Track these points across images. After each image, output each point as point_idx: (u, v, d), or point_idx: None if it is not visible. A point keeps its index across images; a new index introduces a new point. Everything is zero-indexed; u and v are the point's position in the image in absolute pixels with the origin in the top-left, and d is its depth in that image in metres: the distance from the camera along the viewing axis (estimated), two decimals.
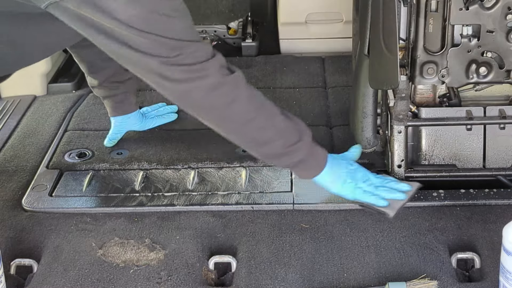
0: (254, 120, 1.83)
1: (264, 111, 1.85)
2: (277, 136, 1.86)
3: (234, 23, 3.33)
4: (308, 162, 1.92)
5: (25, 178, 2.25)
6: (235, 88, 1.79)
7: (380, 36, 2.00)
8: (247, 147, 1.92)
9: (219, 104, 1.79)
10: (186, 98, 1.79)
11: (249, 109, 1.81)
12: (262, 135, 1.85)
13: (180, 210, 2.07)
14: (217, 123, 1.85)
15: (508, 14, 1.98)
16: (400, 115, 2.12)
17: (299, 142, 1.88)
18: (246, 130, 1.84)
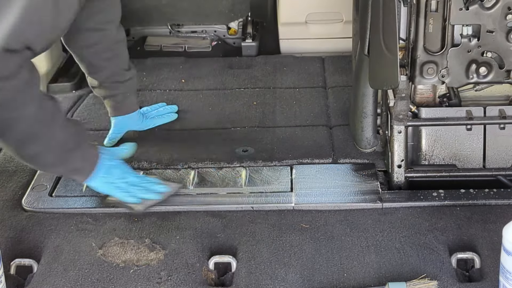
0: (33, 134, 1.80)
1: (45, 125, 1.82)
2: (54, 146, 1.86)
3: (234, 23, 3.33)
4: (82, 168, 1.95)
5: (25, 178, 2.25)
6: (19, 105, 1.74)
7: (380, 36, 2.00)
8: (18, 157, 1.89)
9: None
10: None
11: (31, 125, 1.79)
12: (36, 147, 1.83)
13: (180, 210, 2.07)
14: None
15: (508, 14, 1.98)
16: (400, 115, 2.12)
17: (76, 150, 1.90)
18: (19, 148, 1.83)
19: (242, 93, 2.78)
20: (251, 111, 2.63)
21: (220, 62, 3.08)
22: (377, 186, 2.14)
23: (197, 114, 2.40)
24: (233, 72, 2.96)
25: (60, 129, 1.87)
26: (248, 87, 2.83)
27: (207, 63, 3.04)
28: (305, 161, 2.29)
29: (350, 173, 2.21)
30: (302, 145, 2.40)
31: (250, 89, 2.82)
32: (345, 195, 2.11)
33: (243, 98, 2.73)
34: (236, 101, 2.72)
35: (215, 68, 3.00)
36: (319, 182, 2.17)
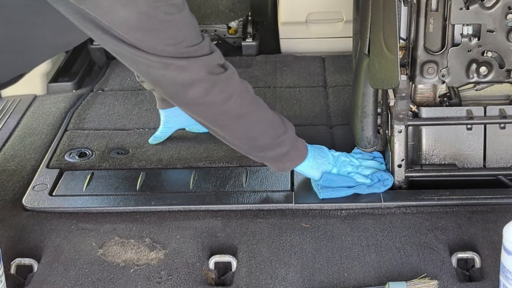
0: (246, 115, 1.88)
1: (255, 106, 1.91)
2: (267, 129, 1.93)
3: (235, 23, 3.33)
4: (292, 152, 2.00)
5: (25, 178, 2.25)
6: (228, 86, 1.83)
7: (381, 36, 2.00)
8: (238, 142, 1.96)
9: (215, 101, 1.82)
10: (183, 96, 1.81)
11: (242, 105, 1.86)
12: (253, 128, 1.91)
13: (180, 210, 2.07)
14: (211, 119, 1.88)
15: (508, 14, 1.98)
16: (401, 114, 2.12)
17: (285, 134, 1.96)
18: (239, 124, 1.90)
19: None
20: None
21: None
22: None
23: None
24: None
25: (268, 113, 1.94)
26: None
27: None
28: None
29: None
30: None
31: None
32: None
33: None
34: None
35: None
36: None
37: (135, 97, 2.76)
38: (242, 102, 1.86)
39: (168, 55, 1.72)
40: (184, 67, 1.75)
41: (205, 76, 1.78)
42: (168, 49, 1.72)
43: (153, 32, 1.69)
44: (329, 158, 2.09)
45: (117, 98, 2.76)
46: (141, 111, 2.66)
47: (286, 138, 1.97)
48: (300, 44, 3.20)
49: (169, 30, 1.70)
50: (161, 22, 1.68)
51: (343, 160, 2.11)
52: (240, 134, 1.93)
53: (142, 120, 2.59)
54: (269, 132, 1.94)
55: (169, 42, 1.71)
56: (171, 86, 1.79)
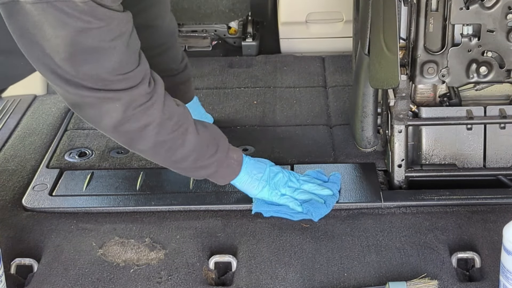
0: (165, 142, 1.82)
1: (178, 132, 1.82)
2: (189, 153, 1.87)
3: (235, 23, 3.33)
4: (222, 171, 1.95)
5: (25, 178, 2.25)
6: (147, 116, 1.75)
7: (381, 36, 2.00)
8: (161, 163, 1.93)
9: (130, 130, 1.76)
10: (98, 122, 1.77)
11: (160, 134, 1.80)
12: (173, 154, 1.86)
13: (180, 210, 2.07)
14: (128, 144, 1.83)
15: (508, 14, 1.98)
16: (401, 114, 2.12)
17: (214, 155, 1.91)
18: (158, 150, 1.84)
19: (242, 92, 2.78)
20: (251, 110, 2.63)
21: (221, 61, 3.08)
22: (378, 186, 2.14)
23: None
24: (233, 72, 2.96)
25: (191, 138, 1.86)
26: (248, 87, 2.83)
27: (207, 62, 3.04)
28: (305, 161, 2.29)
29: (351, 173, 2.21)
30: (302, 144, 2.40)
31: (250, 88, 2.82)
32: (345, 195, 2.10)
33: (243, 97, 2.73)
34: (236, 100, 2.72)
35: (215, 68, 3.00)
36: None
37: None
38: (160, 131, 1.79)
39: (88, 86, 1.65)
40: (102, 99, 1.68)
41: (122, 109, 1.71)
42: (94, 74, 1.64)
43: (81, 56, 1.61)
44: (265, 174, 2.00)
45: None
46: None
47: (214, 160, 1.90)
48: (300, 44, 3.20)
49: (98, 56, 1.63)
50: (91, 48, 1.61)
51: (279, 179, 2.00)
52: (160, 158, 1.89)
53: None
54: (192, 156, 1.87)
55: (96, 67, 1.64)
56: (87, 113, 1.75)
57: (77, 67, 1.63)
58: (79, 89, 1.66)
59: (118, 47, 1.64)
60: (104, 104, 1.70)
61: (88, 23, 1.57)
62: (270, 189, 1.99)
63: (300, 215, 1.98)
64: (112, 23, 1.62)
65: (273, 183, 2.00)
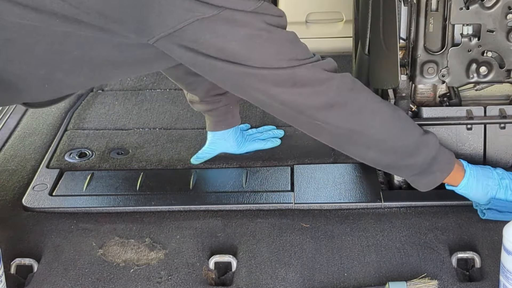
0: (380, 109, 1.80)
1: (386, 103, 1.84)
2: (404, 125, 1.84)
3: None
4: (441, 157, 1.87)
5: (25, 178, 2.25)
6: (353, 81, 1.80)
7: (381, 36, 2.00)
8: (383, 145, 1.82)
9: (347, 100, 1.76)
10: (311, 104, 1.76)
11: (372, 99, 1.80)
12: (394, 124, 1.82)
13: (180, 210, 2.07)
14: (349, 125, 1.78)
15: (508, 14, 1.98)
16: None
17: (425, 134, 1.86)
18: (378, 121, 1.80)
19: None
20: (251, 110, 2.62)
21: None
22: (378, 186, 2.14)
23: (197, 113, 2.39)
24: None
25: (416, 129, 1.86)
26: None
27: None
28: (305, 161, 2.29)
29: (351, 173, 2.21)
30: (302, 144, 2.39)
31: None
32: (345, 195, 2.11)
33: None
34: None
35: None
36: (320, 182, 2.17)
37: (135, 97, 2.76)
38: (369, 97, 1.78)
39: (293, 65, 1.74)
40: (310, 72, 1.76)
41: (330, 76, 1.76)
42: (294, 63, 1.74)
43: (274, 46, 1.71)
44: (495, 179, 1.92)
45: (117, 98, 2.76)
46: (141, 111, 2.66)
47: (430, 137, 1.85)
48: None
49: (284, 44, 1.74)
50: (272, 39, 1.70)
51: (508, 183, 1.93)
52: (383, 135, 1.80)
53: (142, 120, 2.59)
54: (410, 129, 1.82)
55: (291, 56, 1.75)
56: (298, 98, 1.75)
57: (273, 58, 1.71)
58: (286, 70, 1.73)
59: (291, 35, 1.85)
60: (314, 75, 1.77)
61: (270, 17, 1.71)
62: (503, 193, 1.92)
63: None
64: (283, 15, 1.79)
65: (503, 187, 1.93)
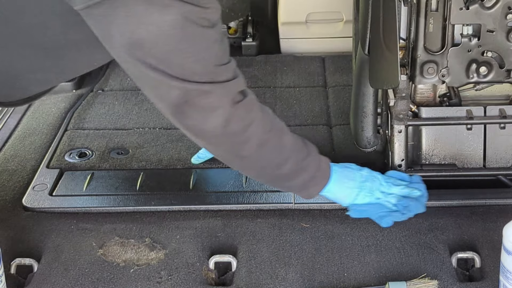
0: (268, 141, 1.74)
1: (276, 130, 1.77)
2: (289, 153, 1.78)
3: (234, 23, 3.33)
4: (318, 175, 1.84)
5: (25, 178, 2.25)
6: (249, 112, 1.70)
7: (381, 36, 2.00)
8: (262, 172, 1.81)
9: (236, 131, 1.69)
10: (202, 125, 1.68)
11: (263, 132, 1.73)
12: (276, 155, 1.77)
13: (180, 210, 2.07)
14: (232, 150, 1.74)
15: (508, 14, 1.98)
16: (401, 114, 2.12)
17: (309, 156, 1.82)
18: (261, 153, 1.75)
19: None
20: None
21: None
22: None
23: None
24: None
25: (288, 135, 1.79)
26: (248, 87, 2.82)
27: None
28: None
29: None
30: None
31: (250, 88, 2.79)
32: None
33: None
34: None
35: None
36: None
37: (135, 97, 2.76)
38: (262, 129, 1.72)
39: (191, 80, 1.59)
40: (207, 92, 1.62)
41: (227, 103, 1.65)
42: (196, 66, 1.59)
43: (183, 45, 1.56)
44: (356, 181, 1.89)
45: (117, 98, 2.76)
46: (141, 110, 2.66)
47: (310, 160, 1.81)
48: (300, 44, 3.20)
49: (201, 44, 1.58)
50: (194, 35, 1.56)
51: (372, 184, 1.90)
52: (263, 163, 1.78)
53: (142, 119, 2.59)
54: (292, 157, 1.77)
55: (198, 58, 1.59)
56: (192, 113, 1.65)
57: (182, 58, 1.57)
58: (183, 83, 1.58)
59: (217, 35, 1.61)
60: (210, 98, 1.62)
61: (194, 6, 1.52)
62: (363, 195, 1.88)
63: (390, 216, 1.89)
64: (213, 9, 1.58)
65: (365, 190, 1.89)
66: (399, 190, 1.91)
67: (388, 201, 1.90)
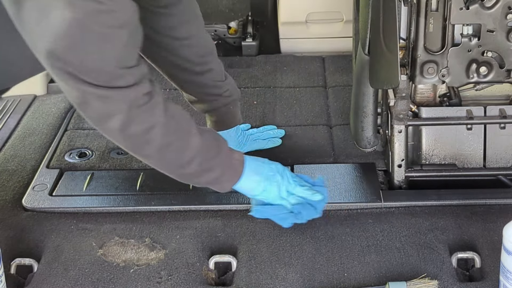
0: (171, 144, 1.74)
1: (181, 133, 1.76)
2: (194, 155, 1.78)
3: (234, 23, 3.33)
4: (228, 172, 1.86)
5: (25, 178, 2.25)
6: (151, 116, 1.68)
7: (381, 36, 2.00)
8: (166, 170, 1.83)
9: (135, 133, 1.69)
10: (102, 125, 1.68)
11: (165, 135, 1.72)
12: (179, 157, 1.77)
13: (180, 210, 2.07)
14: (133, 149, 1.76)
15: (508, 14, 1.98)
16: (401, 114, 2.12)
17: (217, 157, 1.82)
18: (163, 154, 1.76)
19: (242, 92, 2.77)
20: (251, 110, 2.63)
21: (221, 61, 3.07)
22: (378, 186, 2.14)
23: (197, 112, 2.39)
24: (233, 72, 2.96)
25: (195, 137, 1.78)
26: (248, 87, 2.83)
27: None
28: (305, 161, 2.29)
29: (351, 173, 2.21)
30: (302, 144, 2.39)
31: (250, 88, 2.82)
32: (345, 195, 2.10)
33: (243, 97, 2.73)
34: None
35: None
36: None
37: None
38: (165, 132, 1.72)
39: (88, 81, 1.58)
40: (105, 97, 1.60)
41: (126, 109, 1.63)
42: (94, 66, 1.57)
43: (82, 44, 1.53)
44: (263, 176, 1.90)
45: None
46: None
47: (218, 161, 1.82)
48: (300, 44, 3.20)
49: (103, 44, 1.55)
50: (96, 35, 1.53)
51: (278, 182, 1.91)
52: (165, 164, 1.80)
53: None
54: (197, 159, 1.78)
55: (98, 58, 1.56)
56: (91, 113, 1.66)
57: (81, 57, 1.55)
58: (82, 85, 1.58)
59: (123, 37, 1.58)
60: (107, 103, 1.63)
61: (99, 4, 1.50)
62: (269, 190, 1.91)
63: (290, 218, 1.93)
64: (122, 9, 1.56)
65: (273, 184, 1.91)
66: (301, 191, 1.93)
67: (288, 202, 1.92)
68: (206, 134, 1.83)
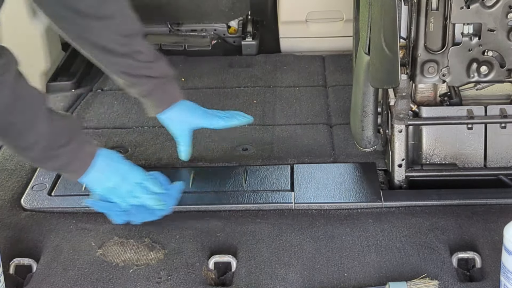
0: (14, 125, 1.73)
1: (26, 116, 1.74)
2: (39, 140, 1.77)
3: (234, 22, 3.32)
4: (75, 163, 1.85)
5: (24, 177, 2.25)
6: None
7: (381, 35, 1.99)
8: (12, 151, 1.85)
9: None
10: None
11: (11, 113, 1.71)
12: (23, 139, 1.77)
13: (180, 210, 2.07)
14: None
15: (509, 13, 1.98)
16: (401, 114, 2.11)
17: (67, 145, 1.81)
18: (5, 134, 1.76)
19: (242, 91, 2.78)
20: (251, 109, 2.62)
21: (220, 60, 3.07)
22: (378, 186, 2.14)
23: None
24: (233, 71, 2.96)
25: (43, 122, 1.77)
26: (248, 86, 2.83)
27: (207, 62, 3.04)
28: (305, 160, 2.29)
29: (351, 173, 2.21)
30: (302, 144, 2.39)
31: (250, 87, 2.82)
32: (345, 194, 2.10)
33: (243, 96, 2.73)
34: (236, 99, 2.71)
35: (215, 67, 2.99)
36: (320, 181, 2.16)
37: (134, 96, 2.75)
38: (11, 111, 1.70)
39: None
40: None
41: None
42: None
43: None
44: (113, 173, 1.91)
45: (116, 98, 2.76)
46: (140, 109, 2.63)
47: (65, 150, 1.80)
48: (300, 43, 3.20)
49: None
50: None
51: (123, 182, 1.92)
52: (6, 142, 1.79)
53: (141, 118, 2.58)
54: (41, 144, 1.77)
55: None
56: None
57: None
58: None
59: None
60: None
61: None
62: (110, 191, 1.91)
63: (124, 216, 1.94)
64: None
65: (117, 186, 1.91)
66: (145, 199, 1.94)
67: (127, 203, 1.93)
68: (58, 122, 1.81)
